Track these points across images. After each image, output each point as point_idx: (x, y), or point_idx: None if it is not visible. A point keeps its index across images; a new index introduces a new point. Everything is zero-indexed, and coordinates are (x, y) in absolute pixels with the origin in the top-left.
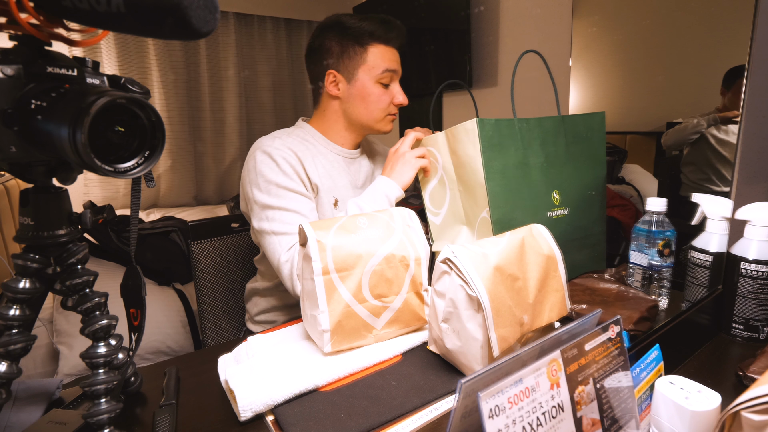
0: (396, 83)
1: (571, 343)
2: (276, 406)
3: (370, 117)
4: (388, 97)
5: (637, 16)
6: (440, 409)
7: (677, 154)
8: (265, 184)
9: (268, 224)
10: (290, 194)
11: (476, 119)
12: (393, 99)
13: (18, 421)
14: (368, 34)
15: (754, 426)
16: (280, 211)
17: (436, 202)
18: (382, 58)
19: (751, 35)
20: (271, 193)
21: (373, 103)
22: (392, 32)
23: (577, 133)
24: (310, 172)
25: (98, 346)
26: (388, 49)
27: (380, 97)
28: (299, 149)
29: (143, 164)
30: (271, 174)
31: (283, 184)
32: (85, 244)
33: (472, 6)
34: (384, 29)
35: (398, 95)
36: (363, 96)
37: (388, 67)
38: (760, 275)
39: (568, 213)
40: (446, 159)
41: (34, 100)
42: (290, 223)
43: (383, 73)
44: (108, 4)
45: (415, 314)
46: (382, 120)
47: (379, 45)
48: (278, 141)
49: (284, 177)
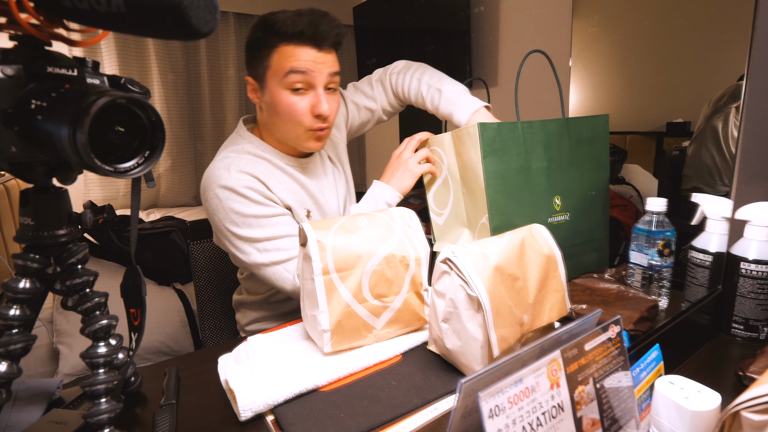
0: (316, 89)
1: (571, 343)
2: (276, 406)
3: (286, 132)
4: (302, 107)
5: (637, 16)
6: (440, 409)
7: (677, 154)
8: (241, 219)
9: (262, 257)
10: (272, 220)
11: (478, 123)
12: (312, 109)
13: (18, 421)
14: (274, 33)
15: (754, 426)
16: (271, 241)
17: (440, 202)
18: (287, 58)
19: (751, 35)
20: (252, 226)
21: (284, 115)
22: (299, 27)
23: (581, 136)
24: (276, 190)
25: (98, 346)
26: (297, 48)
27: (292, 107)
28: (257, 171)
29: (143, 164)
30: (243, 208)
31: (260, 214)
32: (85, 244)
33: (472, 6)
34: (291, 24)
35: (318, 104)
36: (273, 106)
37: (293, 67)
38: (760, 275)
39: (568, 218)
40: (451, 161)
41: (34, 100)
42: (287, 249)
43: (288, 76)
44: (108, 4)
45: (415, 314)
46: (302, 135)
47: (286, 44)
48: (234, 170)
49: (258, 206)
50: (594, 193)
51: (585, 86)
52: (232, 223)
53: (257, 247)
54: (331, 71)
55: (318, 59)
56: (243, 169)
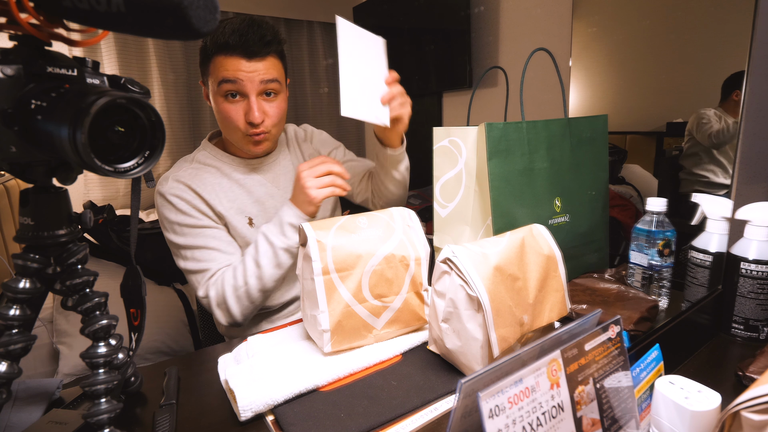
0: (249, 97)
1: (571, 343)
2: (276, 406)
3: (228, 136)
4: (236, 114)
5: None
6: (440, 409)
7: (677, 154)
8: (169, 225)
9: (183, 263)
10: (194, 230)
11: (485, 123)
12: (246, 116)
13: (18, 421)
14: (210, 43)
15: (754, 426)
16: (190, 250)
17: (447, 195)
18: (218, 68)
19: (751, 35)
20: (176, 233)
21: (222, 121)
22: (224, 38)
23: (582, 136)
24: (211, 201)
25: (98, 346)
26: (227, 59)
27: (227, 113)
28: (194, 181)
29: (143, 164)
30: (171, 215)
31: (184, 223)
32: (85, 244)
33: (472, 6)
34: (219, 35)
35: (250, 112)
36: (215, 112)
37: (224, 76)
38: (760, 275)
39: (568, 220)
40: (471, 156)
41: (34, 100)
42: (202, 260)
43: (221, 85)
44: (108, 4)
45: (415, 314)
46: (241, 140)
47: (218, 55)
48: (171, 179)
49: (184, 216)
50: (594, 193)
51: (585, 86)
52: (163, 227)
53: (182, 254)
54: (263, 78)
55: (247, 68)
56: (179, 178)
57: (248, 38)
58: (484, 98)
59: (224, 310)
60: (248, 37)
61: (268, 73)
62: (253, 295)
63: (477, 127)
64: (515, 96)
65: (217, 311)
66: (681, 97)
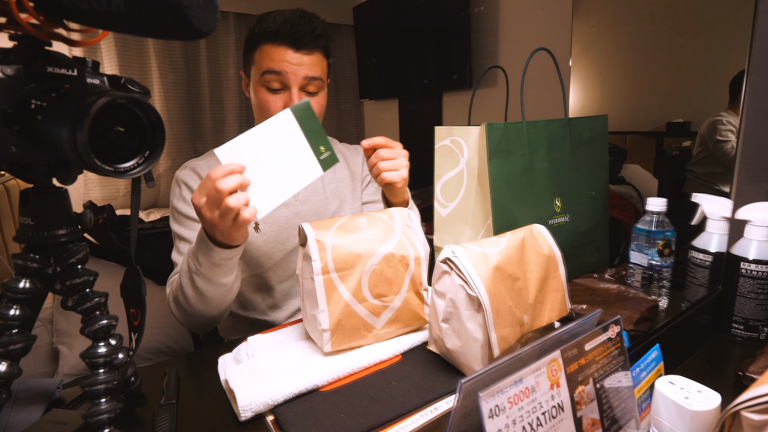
0: (290, 90)
1: (571, 343)
2: (276, 406)
3: None
4: (275, 105)
5: (637, 16)
6: (440, 409)
7: (677, 154)
8: (172, 210)
9: (173, 253)
10: (188, 222)
11: (485, 123)
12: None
13: (18, 421)
14: (259, 31)
15: (754, 426)
16: (180, 241)
17: (448, 194)
18: (265, 57)
19: (751, 35)
20: (174, 219)
21: (259, 111)
22: (276, 26)
23: (582, 136)
24: None
25: (98, 346)
26: (275, 48)
27: (266, 103)
28: (207, 172)
29: (143, 164)
30: (174, 200)
31: (182, 211)
32: (85, 244)
33: (472, 6)
34: (271, 23)
35: (290, 104)
36: (253, 101)
37: (269, 66)
38: (760, 275)
39: (568, 220)
40: (473, 156)
41: (34, 100)
42: (182, 254)
43: (264, 75)
44: (108, 4)
45: (415, 314)
46: None
47: (266, 43)
48: (188, 167)
49: (183, 204)
50: (594, 193)
51: (585, 86)
52: (170, 213)
53: (174, 242)
54: (307, 74)
55: (294, 60)
56: (194, 166)
57: (299, 29)
58: (485, 98)
59: (174, 311)
60: (299, 28)
61: (313, 69)
62: (190, 309)
63: (479, 127)
64: (515, 96)
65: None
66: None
